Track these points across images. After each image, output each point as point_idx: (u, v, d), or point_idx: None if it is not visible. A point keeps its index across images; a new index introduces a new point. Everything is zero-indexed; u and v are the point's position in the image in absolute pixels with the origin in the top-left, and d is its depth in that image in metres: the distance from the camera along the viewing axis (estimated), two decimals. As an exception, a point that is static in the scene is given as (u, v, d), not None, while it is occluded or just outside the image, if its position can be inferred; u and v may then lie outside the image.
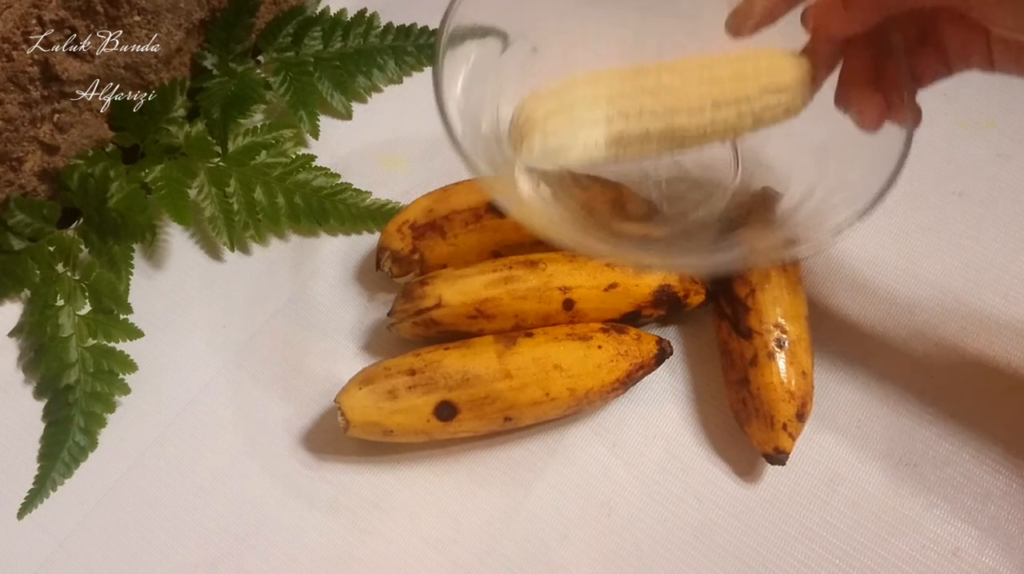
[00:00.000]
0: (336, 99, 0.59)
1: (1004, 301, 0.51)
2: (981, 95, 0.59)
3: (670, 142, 0.39)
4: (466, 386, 0.43)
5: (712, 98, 0.38)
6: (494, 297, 0.46)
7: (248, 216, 0.53)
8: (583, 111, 0.38)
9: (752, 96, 0.38)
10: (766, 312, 0.46)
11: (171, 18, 0.55)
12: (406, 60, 0.61)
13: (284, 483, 0.46)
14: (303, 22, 0.60)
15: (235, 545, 0.44)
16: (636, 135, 0.38)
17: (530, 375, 0.43)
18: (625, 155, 0.39)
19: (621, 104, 0.38)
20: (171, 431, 0.48)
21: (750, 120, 0.38)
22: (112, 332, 0.49)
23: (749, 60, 0.39)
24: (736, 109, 0.38)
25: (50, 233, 0.53)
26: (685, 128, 0.38)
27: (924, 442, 0.46)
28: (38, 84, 0.50)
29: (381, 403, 0.43)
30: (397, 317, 0.47)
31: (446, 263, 0.49)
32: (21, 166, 0.52)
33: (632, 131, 0.38)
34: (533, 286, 0.46)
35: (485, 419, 0.44)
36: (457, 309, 0.46)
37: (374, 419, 0.43)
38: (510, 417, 0.44)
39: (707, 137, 0.39)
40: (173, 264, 0.54)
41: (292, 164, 0.55)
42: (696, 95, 0.38)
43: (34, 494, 0.45)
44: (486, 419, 0.44)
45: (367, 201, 0.54)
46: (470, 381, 0.43)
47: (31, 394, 0.49)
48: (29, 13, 0.47)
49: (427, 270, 0.49)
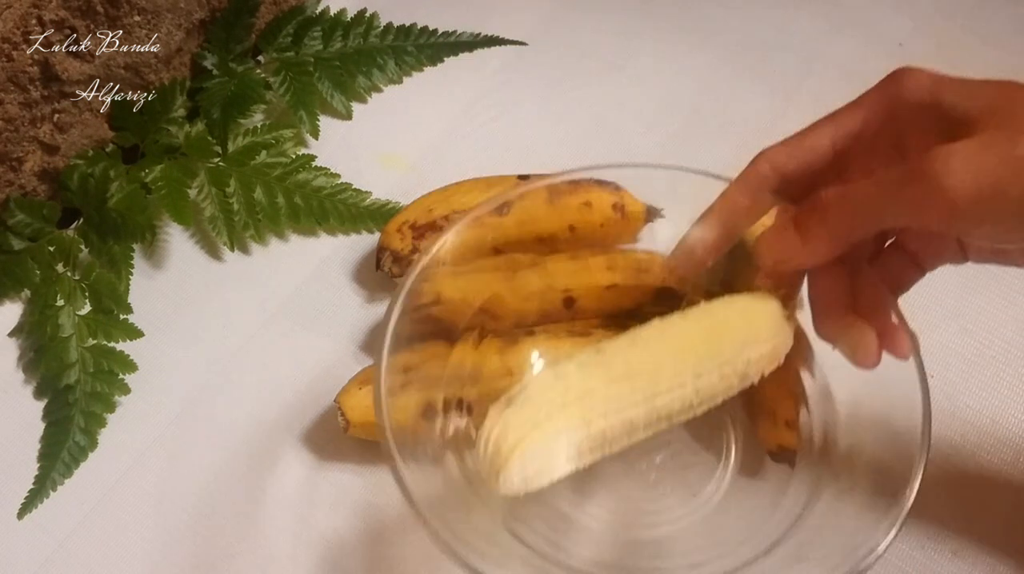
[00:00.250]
0: (336, 99, 0.59)
1: (1004, 301, 0.51)
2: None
3: (658, 424, 0.36)
4: (468, 383, 0.43)
5: (690, 369, 0.35)
6: (494, 294, 0.46)
7: (248, 216, 0.53)
8: (555, 422, 0.34)
9: (731, 356, 0.36)
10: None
11: (171, 18, 0.55)
12: (406, 60, 0.61)
13: (284, 483, 0.46)
14: (303, 22, 0.61)
15: (235, 545, 0.44)
16: (620, 429, 0.35)
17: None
18: (612, 451, 0.36)
19: (595, 402, 0.35)
20: (171, 431, 0.48)
21: (736, 379, 0.36)
22: (112, 332, 0.49)
23: (717, 313, 0.37)
24: (718, 373, 0.36)
25: (50, 233, 0.53)
26: (670, 406, 0.35)
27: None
28: (38, 84, 0.50)
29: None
30: (395, 315, 0.47)
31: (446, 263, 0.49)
32: (21, 166, 0.52)
33: (615, 427, 0.35)
34: (535, 289, 0.46)
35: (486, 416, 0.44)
36: (456, 306, 0.46)
37: (373, 419, 0.43)
38: None
39: (695, 408, 0.36)
40: (173, 264, 0.54)
41: (292, 164, 0.55)
42: (672, 371, 0.35)
43: (34, 494, 0.45)
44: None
45: (367, 201, 0.54)
46: (472, 379, 0.43)
47: (31, 394, 0.49)
48: (29, 13, 0.47)
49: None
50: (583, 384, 0.35)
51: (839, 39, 0.63)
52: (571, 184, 0.50)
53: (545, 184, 0.46)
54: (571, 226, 0.50)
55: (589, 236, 0.50)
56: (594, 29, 0.65)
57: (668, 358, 0.35)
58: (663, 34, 0.64)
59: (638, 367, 0.35)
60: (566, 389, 0.35)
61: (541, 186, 0.46)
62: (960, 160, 0.30)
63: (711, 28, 0.64)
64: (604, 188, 0.51)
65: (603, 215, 0.50)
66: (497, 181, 0.50)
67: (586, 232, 0.50)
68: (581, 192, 0.50)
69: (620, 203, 0.50)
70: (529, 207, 0.50)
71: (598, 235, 0.50)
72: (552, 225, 0.50)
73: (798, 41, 0.63)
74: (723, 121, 0.59)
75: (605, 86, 0.62)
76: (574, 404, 0.35)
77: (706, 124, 0.59)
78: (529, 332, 0.45)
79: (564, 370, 0.36)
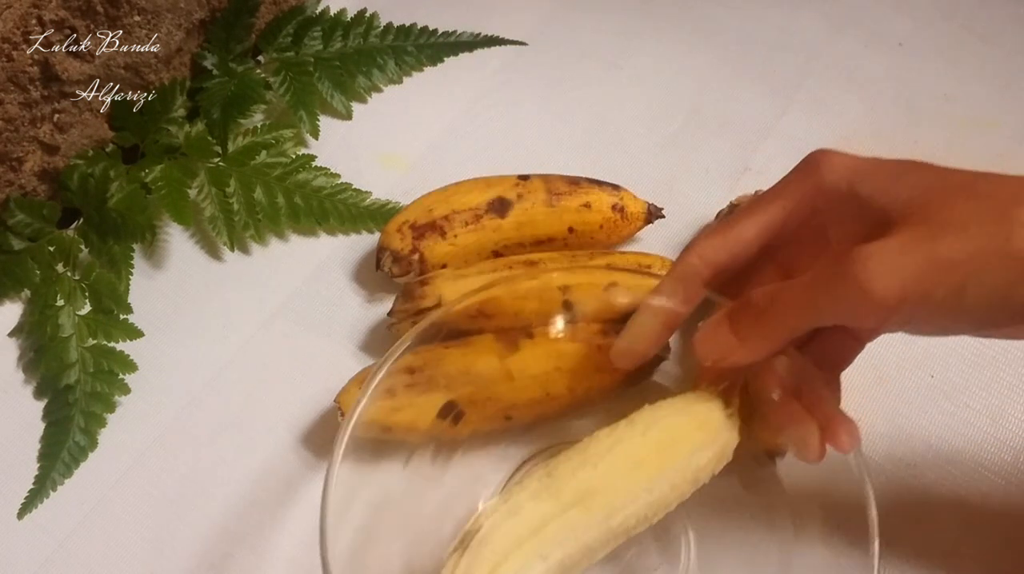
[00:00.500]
0: (336, 99, 0.59)
1: (1004, 301, 0.51)
2: (981, 95, 0.59)
3: (615, 541, 0.36)
4: (468, 386, 0.43)
5: (642, 486, 0.35)
6: (494, 297, 0.46)
7: (248, 216, 0.53)
8: (512, 563, 0.34)
9: (681, 466, 0.36)
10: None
11: (171, 18, 0.55)
12: (406, 60, 0.62)
13: (284, 483, 0.46)
14: (303, 22, 0.61)
15: (235, 546, 0.44)
16: (579, 555, 0.35)
17: (531, 376, 0.43)
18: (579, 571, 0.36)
19: (550, 533, 0.35)
20: (171, 431, 0.48)
21: (688, 486, 0.36)
22: (112, 332, 0.49)
23: (663, 422, 0.37)
24: (669, 484, 0.36)
25: (50, 233, 0.53)
26: (625, 523, 0.36)
27: (924, 442, 0.46)
28: (38, 84, 0.50)
29: (380, 401, 0.43)
30: (397, 317, 0.47)
31: (446, 263, 0.49)
32: (21, 166, 0.52)
33: (573, 554, 0.35)
34: (533, 287, 0.46)
35: (486, 419, 0.44)
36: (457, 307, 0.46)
37: (373, 417, 0.43)
38: (510, 416, 0.44)
39: (649, 519, 0.36)
40: (173, 264, 0.54)
41: (292, 164, 0.55)
42: (625, 489, 0.35)
43: (34, 494, 0.45)
44: (487, 419, 0.44)
45: (367, 201, 0.54)
46: (472, 381, 0.43)
47: (31, 394, 0.49)
48: (29, 13, 0.47)
49: (427, 270, 0.49)
50: (536, 515, 0.35)
51: (839, 39, 0.63)
52: (570, 184, 0.50)
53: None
54: (570, 227, 0.50)
55: (589, 237, 0.51)
56: (594, 29, 0.65)
57: (619, 477, 0.35)
58: (663, 34, 0.64)
59: (590, 489, 0.35)
60: (520, 524, 0.35)
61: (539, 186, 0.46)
62: (881, 263, 0.30)
63: (711, 28, 0.64)
64: (603, 188, 0.51)
65: (603, 216, 0.50)
66: (497, 181, 0.51)
67: (586, 233, 0.50)
68: (580, 193, 0.50)
69: (620, 204, 0.50)
70: (528, 209, 0.50)
71: (598, 236, 0.51)
72: (551, 227, 0.50)
73: (798, 41, 0.63)
74: (723, 121, 0.59)
75: (605, 86, 0.62)
76: (529, 539, 0.35)
77: (706, 124, 0.59)
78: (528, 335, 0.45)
79: (517, 504, 0.36)
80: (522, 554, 0.34)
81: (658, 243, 0.53)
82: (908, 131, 0.58)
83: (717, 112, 0.60)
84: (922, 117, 0.59)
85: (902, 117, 0.59)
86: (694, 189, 0.56)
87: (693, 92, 0.61)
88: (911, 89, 0.60)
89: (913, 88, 0.60)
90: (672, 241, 0.53)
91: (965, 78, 0.61)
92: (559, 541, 0.35)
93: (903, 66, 0.62)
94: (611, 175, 0.52)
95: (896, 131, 0.58)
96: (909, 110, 0.59)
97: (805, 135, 0.58)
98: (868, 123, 0.59)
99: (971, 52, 0.62)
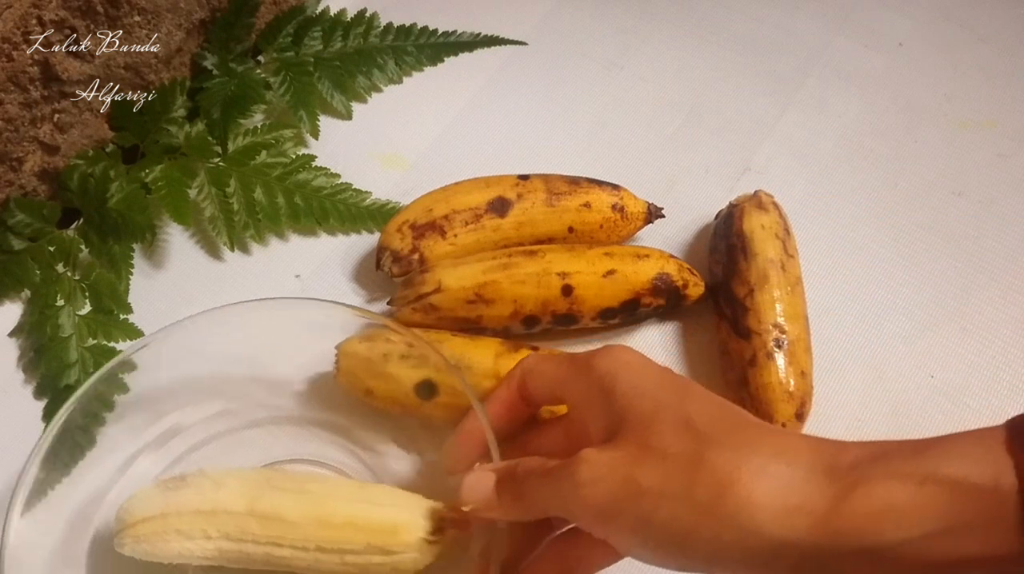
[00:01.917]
0: (336, 99, 0.59)
1: (1003, 301, 0.51)
2: (981, 95, 0.59)
3: (276, 566, 0.38)
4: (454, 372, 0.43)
5: (317, 542, 0.37)
6: (493, 281, 0.46)
7: (248, 216, 0.53)
8: (179, 521, 0.38)
9: (357, 550, 0.37)
10: (764, 312, 0.46)
11: (171, 18, 0.55)
12: (406, 60, 0.62)
13: (284, 483, 0.46)
14: (303, 22, 0.61)
15: (235, 545, 0.44)
16: (237, 556, 0.38)
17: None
18: (231, 567, 0.39)
19: (223, 522, 0.38)
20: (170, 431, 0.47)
21: (356, 570, 0.38)
22: (112, 332, 0.49)
23: (371, 508, 0.38)
24: (340, 558, 0.37)
25: (50, 233, 0.53)
26: (288, 560, 0.38)
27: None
28: (38, 84, 0.50)
29: (372, 363, 0.43)
30: (396, 303, 0.47)
31: (446, 260, 0.49)
32: (21, 166, 0.52)
33: (231, 551, 0.38)
34: (532, 271, 0.46)
35: (459, 408, 0.43)
36: (456, 293, 0.46)
37: (360, 374, 0.44)
38: None
39: (312, 569, 0.38)
40: (173, 264, 0.54)
41: (292, 164, 0.55)
42: (303, 535, 0.37)
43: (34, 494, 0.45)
44: (460, 409, 0.43)
45: (367, 201, 0.54)
46: (460, 369, 0.43)
47: (31, 394, 0.49)
48: (29, 13, 0.47)
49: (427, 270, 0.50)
50: (228, 501, 0.38)
51: (839, 39, 0.63)
52: (570, 184, 0.50)
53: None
54: (570, 227, 0.50)
55: (589, 237, 0.51)
56: (594, 29, 0.65)
57: (308, 522, 0.37)
58: (663, 34, 0.64)
59: (280, 514, 0.38)
60: (211, 499, 0.38)
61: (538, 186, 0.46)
62: (592, 471, 0.31)
63: (711, 28, 0.64)
64: (603, 188, 0.51)
65: (603, 216, 0.50)
66: (497, 181, 0.51)
67: (586, 233, 0.50)
68: (580, 193, 0.50)
69: (620, 203, 0.50)
70: (528, 209, 0.50)
71: (598, 236, 0.51)
72: (551, 227, 0.50)
73: (798, 41, 0.63)
74: (723, 121, 0.59)
75: (605, 86, 0.62)
76: (207, 516, 0.38)
77: (706, 124, 0.59)
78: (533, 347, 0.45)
79: (224, 480, 0.39)
80: (190, 521, 0.38)
81: (658, 243, 0.53)
82: (908, 131, 0.58)
83: (717, 112, 0.60)
84: (922, 117, 0.59)
85: (902, 117, 0.59)
86: (694, 189, 0.56)
87: (693, 92, 0.61)
88: (911, 89, 0.60)
89: (913, 88, 0.60)
90: (672, 241, 0.53)
91: (965, 78, 0.61)
92: (225, 533, 0.38)
93: (903, 66, 0.62)
94: (611, 175, 0.52)
95: (896, 131, 0.59)
96: (909, 110, 0.59)
97: (805, 135, 0.58)
98: (868, 123, 0.59)
99: (971, 52, 0.62)
